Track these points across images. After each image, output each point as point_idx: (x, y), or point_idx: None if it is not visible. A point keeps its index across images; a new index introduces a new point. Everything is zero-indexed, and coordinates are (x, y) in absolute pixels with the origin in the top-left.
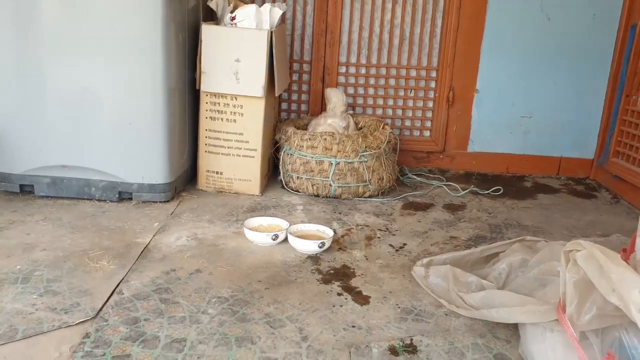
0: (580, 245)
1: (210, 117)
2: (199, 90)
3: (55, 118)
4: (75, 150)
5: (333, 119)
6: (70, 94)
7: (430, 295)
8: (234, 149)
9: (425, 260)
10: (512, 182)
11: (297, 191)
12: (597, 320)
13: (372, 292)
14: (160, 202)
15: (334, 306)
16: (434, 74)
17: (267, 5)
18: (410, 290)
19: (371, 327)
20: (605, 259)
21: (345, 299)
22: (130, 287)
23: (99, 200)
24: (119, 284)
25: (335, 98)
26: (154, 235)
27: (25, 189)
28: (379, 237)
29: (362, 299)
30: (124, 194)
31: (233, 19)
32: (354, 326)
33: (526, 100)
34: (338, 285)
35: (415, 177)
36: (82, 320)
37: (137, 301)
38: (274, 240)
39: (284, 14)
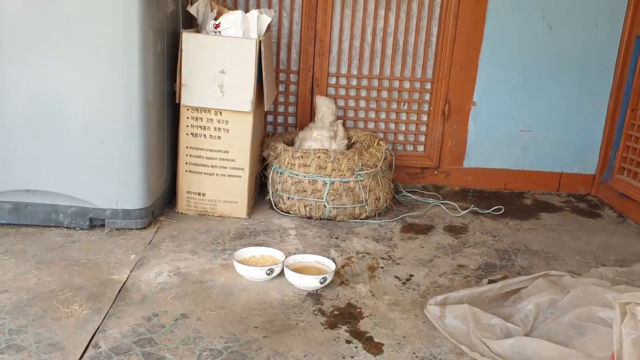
0: None
1: (192, 134)
2: (178, 104)
3: (17, 136)
4: (41, 173)
5: (319, 132)
6: (34, 108)
7: (449, 339)
8: (218, 167)
9: (439, 298)
10: (511, 200)
11: (288, 213)
12: None
13: (384, 337)
14: (136, 229)
15: (343, 358)
16: (428, 86)
17: (254, 12)
18: (425, 334)
19: None
20: None
21: (356, 347)
22: (108, 339)
23: (67, 228)
24: (94, 334)
25: (325, 106)
26: (131, 271)
27: None
28: (382, 267)
29: (374, 348)
30: (95, 221)
31: (217, 26)
32: None
33: (525, 113)
34: (345, 330)
35: (410, 194)
36: None
37: (116, 357)
38: (268, 275)
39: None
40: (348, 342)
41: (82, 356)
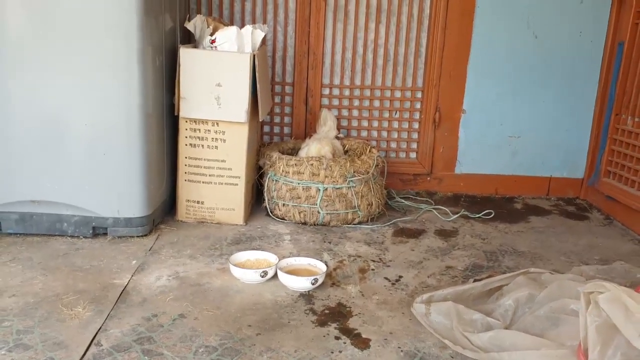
0: (603, 287)
1: (191, 144)
2: (177, 116)
3: (22, 149)
4: (45, 184)
5: (332, 142)
6: (38, 122)
7: (434, 335)
8: (216, 176)
9: (425, 296)
10: (502, 204)
11: (283, 219)
12: None
13: (372, 333)
14: (137, 236)
15: (332, 352)
16: (419, 95)
17: (248, 28)
18: (411, 330)
19: None
20: (633, 302)
21: (344, 343)
22: (110, 337)
23: (71, 236)
24: (96, 333)
25: (331, 121)
26: (132, 275)
27: None
28: (373, 269)
29: (361, 343)
30: (98, 229)
31: (213, 42)
32: None
33: (514, 119)
34: (335, 328)
35: (403, 200)
36: None
37: (117, 354)
38: (262, 277)
39: (264, 35)
40: (337, 338)
41: (85, 354)
